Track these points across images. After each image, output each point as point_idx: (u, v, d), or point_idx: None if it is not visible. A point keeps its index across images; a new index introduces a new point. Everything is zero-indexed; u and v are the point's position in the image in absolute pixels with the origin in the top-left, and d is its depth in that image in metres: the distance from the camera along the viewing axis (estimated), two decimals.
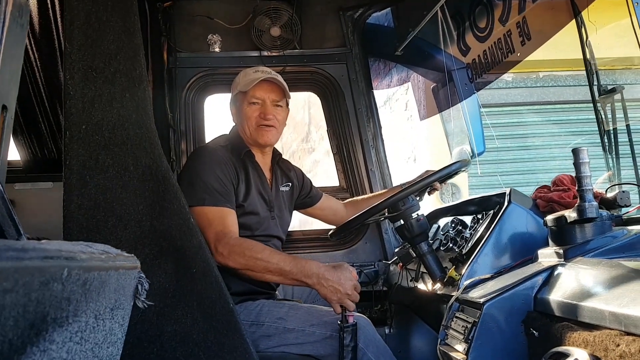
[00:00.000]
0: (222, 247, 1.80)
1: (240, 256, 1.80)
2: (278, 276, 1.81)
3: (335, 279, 1.76)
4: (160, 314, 1.53)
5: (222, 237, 1.82)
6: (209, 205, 1.88)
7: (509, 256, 1.64)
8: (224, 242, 1.81)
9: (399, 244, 2.71)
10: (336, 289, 1.75)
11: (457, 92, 2.57)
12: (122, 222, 1.52)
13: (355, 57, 2.83)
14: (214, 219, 1.87)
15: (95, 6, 1.54)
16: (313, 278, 1.77)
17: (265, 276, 1.82)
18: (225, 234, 1.84)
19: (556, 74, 6.30)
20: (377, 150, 2.88)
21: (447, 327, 1.50)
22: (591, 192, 1.30)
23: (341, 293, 1.75)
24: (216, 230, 1.84)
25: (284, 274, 1.79)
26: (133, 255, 0.81)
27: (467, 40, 2.43)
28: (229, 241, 1.82)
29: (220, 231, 1.84)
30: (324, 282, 1.76)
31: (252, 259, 1.79)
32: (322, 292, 1.76)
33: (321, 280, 1.76)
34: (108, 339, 0.71)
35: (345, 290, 1.75)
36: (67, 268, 0.54)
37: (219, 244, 1.80)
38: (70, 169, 1.51)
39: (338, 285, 1.75)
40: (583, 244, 1.34)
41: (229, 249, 1.80)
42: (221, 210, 1.90)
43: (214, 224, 1.85)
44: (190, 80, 2.74)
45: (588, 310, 1.04)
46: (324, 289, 1.76)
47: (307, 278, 1.77)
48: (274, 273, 1.80)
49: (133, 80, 1.55)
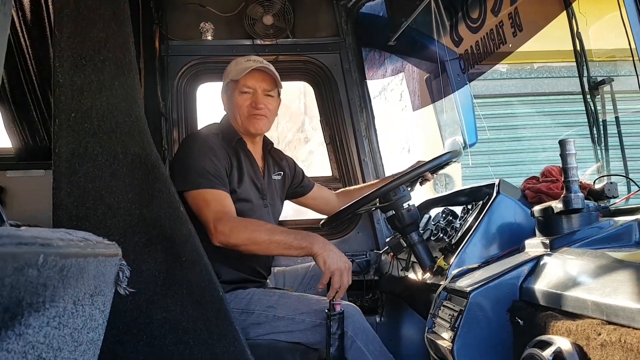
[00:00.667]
0: (222, 225, 1.80)
1: (242, 231, 1.81)
2: (282, 246, 1.82)
3: (338, 252, 1.81)
4: (150, 301, 1.54)
5: (223, 216, 1.82)
6: (205, 188, 1.88)
7: (497, 246, 1.65)
8: (224, 221, 1.81)
9: (390, 233, 2.72)
10: (339, 258, 1.79)
11: (449, 82, 2.58)
12: (112, 210, 1.52)
13: (348, 46, 2.82)
14: (212, 200, 1.87)
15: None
16: (319, 244, 1.80)
17: (269, 247, 1.82)
18: (225, 213, 1.85)
19: (550, 65, 6.31)
20: (370, 140, 2.88)
21: (434, 315, 1.52)
22: (577, 183, 1.30)
23: (341, 263, 1.79)
24: (215, 210, 1.84)
25: (288, 243, 1.81)
26: (114, 243, 0.82)
27: (460, 30, 2.43)
28: (229, 219, 1.83)
29: (219, 211, 1.84)
30: (328, 249, 1.80)
31: (255, 232, 1.81)
32: (323, 257, 1.78)
33: (327, 246, 1.80)
34: (88, 325, 0.72)
35: (344, 263, 1.80)
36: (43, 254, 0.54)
37: (219, 223, 1.80)
38: (59, 156, 1.51)
39: (340, 257, 1.80)
40: (569, 234, 1.35)
41: (230, 226, 1.80)
42: (218, 193, 1.90)
43: (212, 205, 1.86)
44: (182, 69, 2.73)
45: (571, 300, 1.06)
46: (327, 254, 1.78)
47: (312, 244, 1.80)
48: (278, 244, 1.81)
49: (122, 68, 1.55)
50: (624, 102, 1.91)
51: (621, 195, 1.58)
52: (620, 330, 0.87)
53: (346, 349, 1.78)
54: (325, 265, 1.78)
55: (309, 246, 1.79)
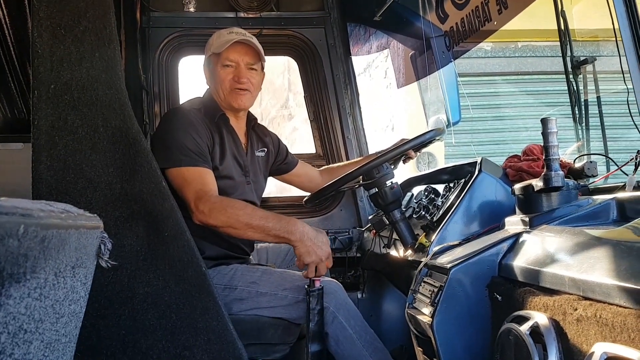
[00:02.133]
0: (202, 205, 1.77)
1: (221, 213, 1.77)
2: (260, 233, 1.79)
3: (316, 241, 1.77)
4: (132, 276, 1.54)
5: (203, 195, 1.80)
6: (187, 166, 1.86)
7: (478, 223, 1.67)
8: (204, 200, 1.78)
9: (373, 211, 2.74)
10: (314, 251, 1.76)
11: (434, 60, 2.57)
12: (92, 184, 1.51)
13: (333, 21, 2.79)
14: (193, 178, 1.85)
15: None
16: (296, 234, 1.76)
17: (247, 232, 1.79)
18: (206, 192, 1.82)
19: (535, 44, 6.33)
20: (354, 117, 2.88)
21: (415, 291, 1.54)
22: (557, 162, 1.32)
23: (317, 256, 1.76)
24: (196, 189, 1.82)
25: (266, 230, 1.78)
26: (95, 215, 0.81)
27: (446, 7, 2.41)
28: (209, 199, 1.80)
29: (200, 189, 1.82)
30: (305, 241, 1.76)
31: (234, 215, 1.77)
32: (300, 250, 1.76)
33: (304, 238, 1.76)
34: (70, 297, 0.72)
35: (320, 255, 1.77)
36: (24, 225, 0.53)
37: (200, 202, 1.78)
38: (38, 129, 1.48)
39: (317, 248, 1.77)
40: (548, 212, 1.36)
41: (209, 206, 1.77)
42: (199, 170, 1.88)
43: (193, 183, 1.83)
44: (163, 41, 2.68)
45: (549, 276, 1.08)
46: (304, 247, 1.76)
47: (290, 234, 1.76)
48: (256, 229, 1.78)
49: (103, 39, 1.51)
50: (606, 82, 1.92)
51: (600, 174, 1.60)
52: (596, 306, 0.89)
53: (328, 324, 1.80)
54: (300, 257, 1.77)
55: (286, 236, 1.77)
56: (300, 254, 1.77)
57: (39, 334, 0.64)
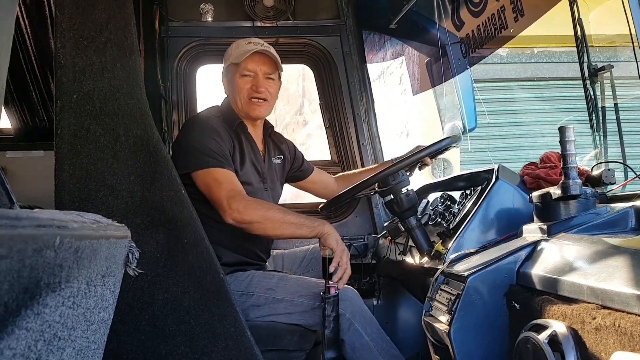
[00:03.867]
0: (237, 203, 1.82)
1: (257, 209, 1.84)
2: (294, 226, 1.87)
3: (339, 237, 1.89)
4: (152, 282, 1.56)
5: (236, 194, 1.84)
6: (215, 167, 1.90)
7: (495, 231, 1.67)
8: (238, 198, 1.83)
9: (388, 217, 2.74)
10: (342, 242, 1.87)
11: (450, 67, 2.57)
12: (114, 192, 1.53)
13: (349, 29, 2.81)
14: (223, 179, 1.89)
15: None
16: (326, 227, 1.87)
17: (282, 226, 1.86)
18: (238, 191, 1.87)
19: (551, 50, 6.28)
20: (369, 124, 2.88)
21: (432, 299, 1.54)
22: (575, 170, 1.32)
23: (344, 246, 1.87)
24: (228, 189, 1.86)
25: (299, 223, 1.87)
26: (124, 225, 0.83)
27: (462, 14, 2.42)
28: (243, 197, 1.86)
29: (231, 189, 1.86)
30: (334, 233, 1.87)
31: (270, 210, 1.87)
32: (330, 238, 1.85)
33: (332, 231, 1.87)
34: (99, 305, 0.74)
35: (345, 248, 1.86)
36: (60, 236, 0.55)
37: (233, 201, 1.82)
38: (61, 138, 1.51)
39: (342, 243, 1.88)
40: (566, 220, 1.36)
41: (244, 204, 1.83)
42: (227, 172, 1.92)
43: (224, 183, 1.87)
44: (182, 50, 2.72)
45: (567, 285, 1.07)
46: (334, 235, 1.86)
47: (321, 226, 1.86)
48: (291, 223, 1.87)
49: (124, 50, 1.54)
50: (623, 89, 1.91)
51: (618, 181, 1.59)
52: (615, 315, 0.89)
53: (344, 331, 1.80)
54: (337, 243, 1.84)
55: (320, 226, 1.86)
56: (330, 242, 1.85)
57: (71, 341, 0.66)
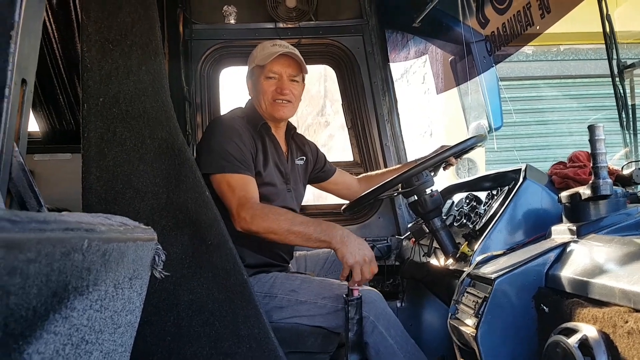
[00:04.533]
0: (244, 212, 1.80)
1: (263, 220, 1.80)
2: (301, 238, 1.80)
3: (357, 243, 1.76)
4: (177, 284, 1.57)
5: (245, 203, 1.83)
6: (229, 172, 1.89)
7: (523, 232, 1.64)
8: (247, 207, 1.81)
9: (412, 219, 2.71)
10: (357, 252, 1.74)
11: (475, 65, 2.54)
12: (140, 194, 1.55)
13: (372, 29, 2.79)
14: (236, 185, 1.88)
15: None
16: (337, 237, 1.76)
17: (288, 237, 1.80)
18: (248, 199, 1.85)
19: (577, 47, 6.17)
20: (392, 124, 2.86)
21: (458, 301, 1.52)
22: (606, 170, 1.28)
23: (360, 257, 1.74)
24: (239, 196, 1.85)
25: (307, 235, 1.78)
26: (150, 228, 0.84)
27: (486, 12, 2.38)
28: (252, 206, 1.83)
29: (242, 197, 1.85)
30: (347, 242, 1.75)
31: (275, 221, 1.79)
32: (342, 251, 1.74)
33: (345, 239, 1.75)
34: (127, 307, 0.74)
35: (363, 255, 1.75)
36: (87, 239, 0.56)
37: (242, 210, 1.81)
38: (88, 141, 1.54)
39: (359, 249, 1.75)
40: (596, 221, 1.33)
41: (252, 214, 1.80)
42: (242, 177, 1.91)
43: (235, 190, 1.87)
44: (205, 53, 2.74)
45: (598, 287, 1.05)
46: (345, 248, 1.74)
47: (331, 237, 1.76)
48: (297, 234, 1.79)
49: (149, 53, 1.56)
50: None
51: None
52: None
53: (368, 334, 1.79)
54: (343, 259, 1.75)
55: (328, 240, 1.76)
56: (343, 256, 1.75)
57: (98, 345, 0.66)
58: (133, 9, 1.55)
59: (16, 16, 0.67)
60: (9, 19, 0.66)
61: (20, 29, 0.68)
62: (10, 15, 0.66)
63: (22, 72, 0.73)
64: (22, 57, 0.70)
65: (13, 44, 0.67)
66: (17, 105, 0.74)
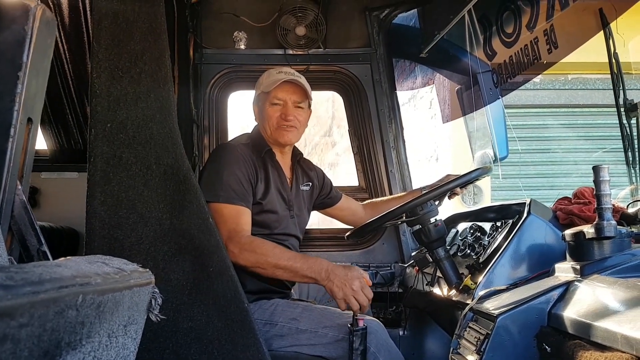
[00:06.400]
0: (233, 245, 1.83)
1: (250, 254, 1.83)
2: (288, 273, 1.84)
3: (342, 275, 1.78)
4: (177, 310, 1.56)
5: (234, 236, 1.85)
6: (223, 202, 1.91)
7: (526, 268, 1.63)
8: (235, 241, 1.84)
9: (416, 246, 2.70)
10: (343, 284, 1.76)
11: (481, 96, 2.55)
12: (143, 219, 1.55)
13: (379, 57, 2.81)
14: (228, 216, 1.90)
15: (122, 7, 1.57)
16: (322, 273, 1.80)
17: (275, 273, 1.85)
18: (238, 232, 1.87)
19: (585, 77, 6.18)
20: (397, 151, 2.87)
21: (460, 336, 1.50)
22: (610, 211, 1.28)
23: (347, 288, 1.76)
24: (229, 229, 1.87)
25: (294, 270, 1.83)
26: (147, 271, 0.83)
27: (494, 44, 2.40)
28: (240, 239, 1.85)
29: (232, 229, 1.87)
30: (332, 277, 1.78)
31: (262, 256, 1.83)
32: (329, 287, 1.78)
33: (330, 275, 1.78)
34: (121, 354, 0.73)
35: (351, 286, 1.76)
36: (82, 294, 0.55)
37: (230, 243, 1.84)
38: (94, 165, 1.55)
39: (345, 281, 1.77)
40: (600, 260, 1.32)
41: (239, 247, 1.83)
42: (235, 209, 1.92)
43: (227, 221, 1.88)
44: (215, 77, 2.77)
45: (601, 331, 1.04)
46: (331, 283, 1.77)
47: (316, 274, 1.80)
48: (284, 270, 1.83)
49: (158, 80, 1.58)
50: None
51: None
52: None
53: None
54: (332, 295, 1.79)
55: (314, 276, 1.81)
56: (331, 291, 1.79)
57: None
58: (143, 37, 1.57)
59: (24, 57, 0.68)
60: (17, 59, 0.67)
61: (28, 70, 0.69)
62: (19, 56, 0.67)
63: (29, 112, 0.73)
64: (28, 97, 0.70)
65: (20, 84, 0.67)
66: (22, 143, 0.74)
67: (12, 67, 0.67)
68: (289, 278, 1.89)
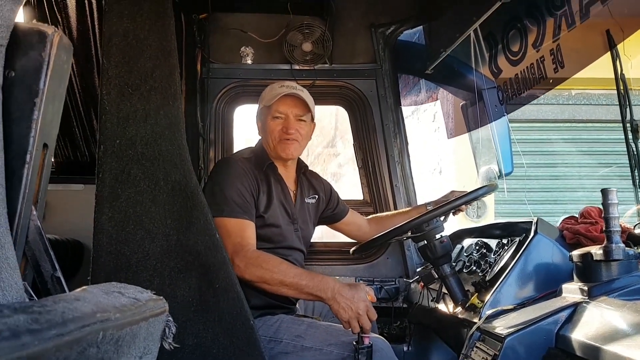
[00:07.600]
0: (239, 259, 1.82)
1: (256, 269, 1.81)
2: (294, 290, 1.81)
3: (349, 296, 1.75)
4: (183, 327, 1.56)
5: (240, 250, 1.84)
6: (227, 217, 1.90)
7: (533, 287, 1.63)
8: (241, 255, 1.83)
9: (420, 261, 2.70)
10: (349, 306, 1.74)
11: (486, 112, 2.56)
12: (150, 235, 1.55)
13: (385, 73, 2.83)
14: (233, 231, 1.89)
15: (133, 24, 1.58)
16: (328, 292, 1.77)
17: (280, 289, 1.82)
18: (243, 246, 1.86)
19: (589, 92, 6.20)
20: (402, 166, 2.88)
21: (467, 356, 1.50)
22: (618, 234, 1.28)
23: (352, 311, 1.73)
24: (234, 242, 1.86)
25: (300, 287, 1.80)
26: (162, 298, 0.83)
27: (499, 62, 2.41)
28: (246, 254, 1.84)
29: (238, 243, 1.86)
30: (338, 298, 1.75)
31: (269, 272, 1.81)
32: (334, 307, 1.76)
33: (336, 295, 1.76)
34: None
35: (357, 309, 1.74)
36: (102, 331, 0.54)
37: (236, 257, 1.82)
38: (102, 181, 1.55)
39: (351, 303, 1.74)
40: (608, 282, 1.32)
41: (245, 262, 1.82)
42: (240, 222, 1.92)
43: (232, 235, 1.87)
44: (221, 91, 2.79)
45: (609, 355, 1.04)
46: (337, 304, 1.75)
47: (322, 292, 1.77)
48: (290, 287, 1.81)
49: (168, 97, 1.58)
50: None
51: None
52: None
53: None
54: (337, 315, 1.76)
55: (319, 295, 1.78)
56: (337, 312, 1.76)
57: None
58: (154, 55, 1.58)
59: (42, 83, 0.68)
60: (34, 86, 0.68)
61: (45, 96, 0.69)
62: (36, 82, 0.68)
63: (44, 137, 0.74)
64: (45, 123, 0.71)
65: (37, 110, 0.68)
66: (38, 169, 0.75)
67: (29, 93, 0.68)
68: (295, 295, 1.87)
